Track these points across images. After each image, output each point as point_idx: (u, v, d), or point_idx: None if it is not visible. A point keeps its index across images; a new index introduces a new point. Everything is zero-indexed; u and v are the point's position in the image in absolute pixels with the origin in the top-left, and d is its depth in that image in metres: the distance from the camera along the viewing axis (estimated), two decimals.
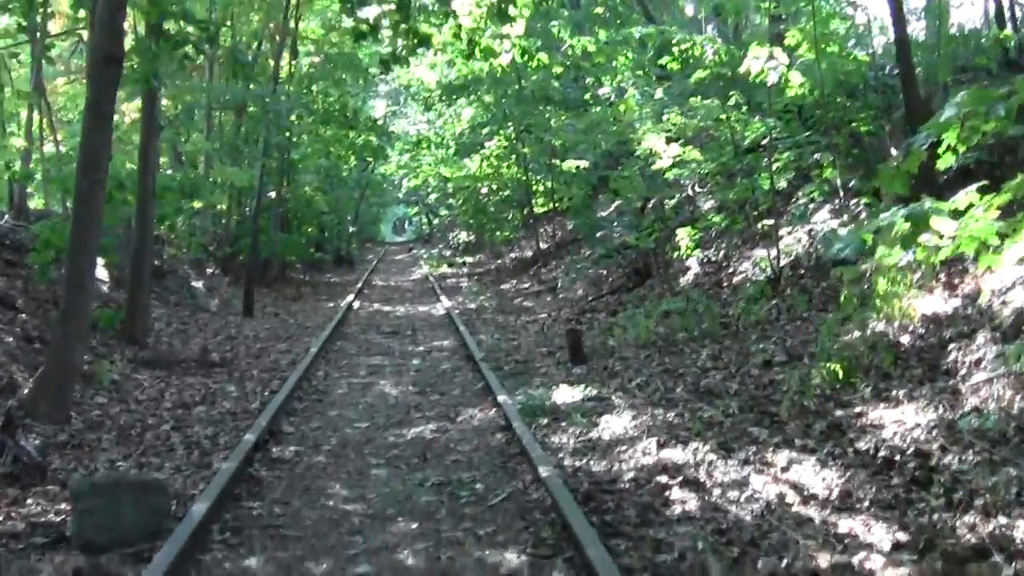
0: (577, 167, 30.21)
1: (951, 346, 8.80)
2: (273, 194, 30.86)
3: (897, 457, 7.06)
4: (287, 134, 29.64)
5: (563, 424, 9.39)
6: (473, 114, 35.10)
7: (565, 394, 10.70)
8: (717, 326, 12.82)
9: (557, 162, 29.91)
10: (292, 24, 31.39)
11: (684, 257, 17.65)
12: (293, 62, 31.93)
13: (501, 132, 32.19)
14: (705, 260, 17.42)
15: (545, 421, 9.57)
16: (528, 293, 24.83)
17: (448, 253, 48.28)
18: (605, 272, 21.69)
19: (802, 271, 13.93)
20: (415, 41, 13.51)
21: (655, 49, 15.77)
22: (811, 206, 15.07)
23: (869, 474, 6.88)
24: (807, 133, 15.21)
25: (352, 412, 10.91)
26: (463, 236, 48.45)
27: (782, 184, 15.46)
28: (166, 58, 12.24)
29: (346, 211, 46.86)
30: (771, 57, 13.55)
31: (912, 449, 7.11)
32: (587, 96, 26.62)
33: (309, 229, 39.34)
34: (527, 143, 30.75)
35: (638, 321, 14.30)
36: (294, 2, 30.56)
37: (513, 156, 32.28)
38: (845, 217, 13.35)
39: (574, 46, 27.57)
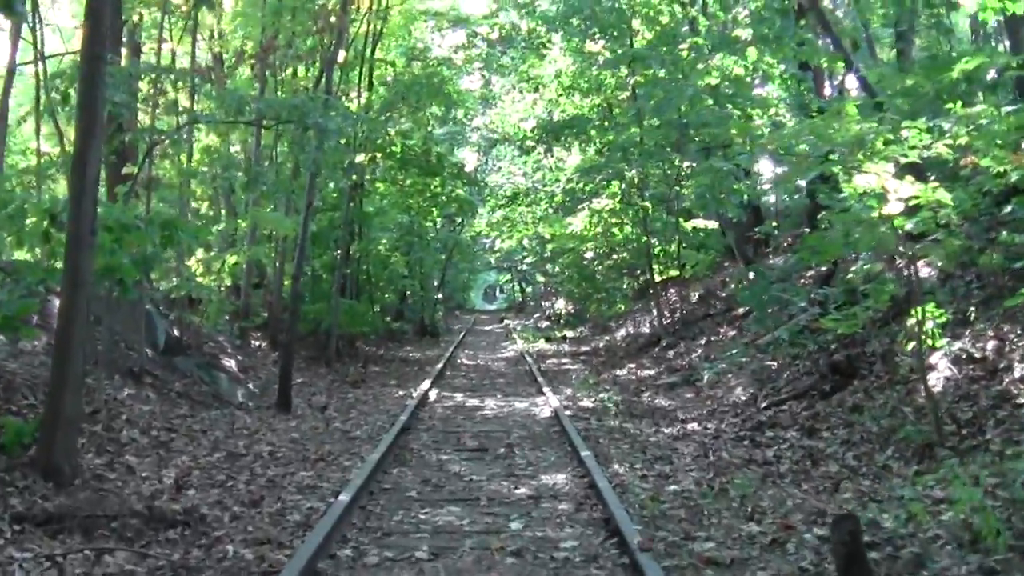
0: (705, 227, 24.85)
1: None
2: (339, 252, 25.49)
3: None
4: (354, 178, 24.27)
5: None
6: (580, 161, 29.37)
7: None
8: None
9: (682, 221, 24.37)
10: (369, 52, 26.41)
11: (923, 349, 11.48)
12: (367, 94, 26.78)
13: (614, 183, 26.54)
14: (962, 355, 11.23)
15: None
16: (658, 385, 18.74)
17: (545, 325, 42.59)
18: (776, 364, 15.57)
19: None
20: None
21: None
22: None
23: None
24: None
25: None
26: (562, 306, 42.87)
27: None
28: None
29: (431, 275, 41.33)
30: None
31: None
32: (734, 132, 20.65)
33: (386, 295, 33.85)
34: (649, 197, 25.08)
35: (960, 484, 7.72)
36: (367, 28, 25.52)
37: (629, 212, 26.59)
38: None
39: (716, 68, 21.86)
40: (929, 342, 11.26)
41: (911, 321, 11.33)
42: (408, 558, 7.44)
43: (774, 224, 26.09)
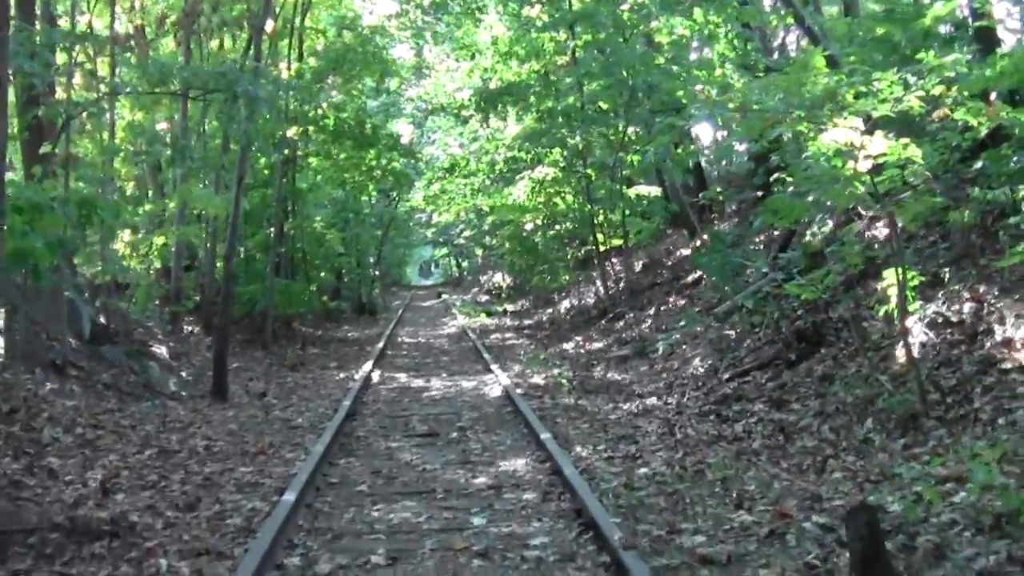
0: (648, 194, 24.26)
1: None
2: (272, 231, 24.60)
3: None
4: (287, 152, 23.38)
5: None
6: (520, 130, 28.60)
7: None
8: None
9: (626, 189, 23.77)
10: (299, 22, 25.50)
11: (893, 315, 10.88)
12: (297, 64, 25.83)
13: (556, 150, 25.82)
14: (938, 319, 10.66)
15: None
16: (610, 358, 18.13)
17: (484, 299, 41.93)
18: (734, 334, 14.98)
19: None
20: None
21: None
22: None
23: None
24: None
25: None
26: (501, 279, 42.24)
27: None
28: None
29: (367, 252, 40.42)
30: None
31: None
32: (680, 93, 19.93)
33: (322, 273, 32.94)
34: (591, 165, 24.41)
35: (975, 462, 6.84)
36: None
37: (571, 180, 25.89)
38: None
39: (662, 28, 21.26)
40: (899, 307, 10.69)
41: (883, 284, 10.78)
42: (364, 564, 6.69)
43: (719, 190, 25.60)
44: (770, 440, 9.95)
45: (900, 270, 9.67)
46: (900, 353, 10.48)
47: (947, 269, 11.29)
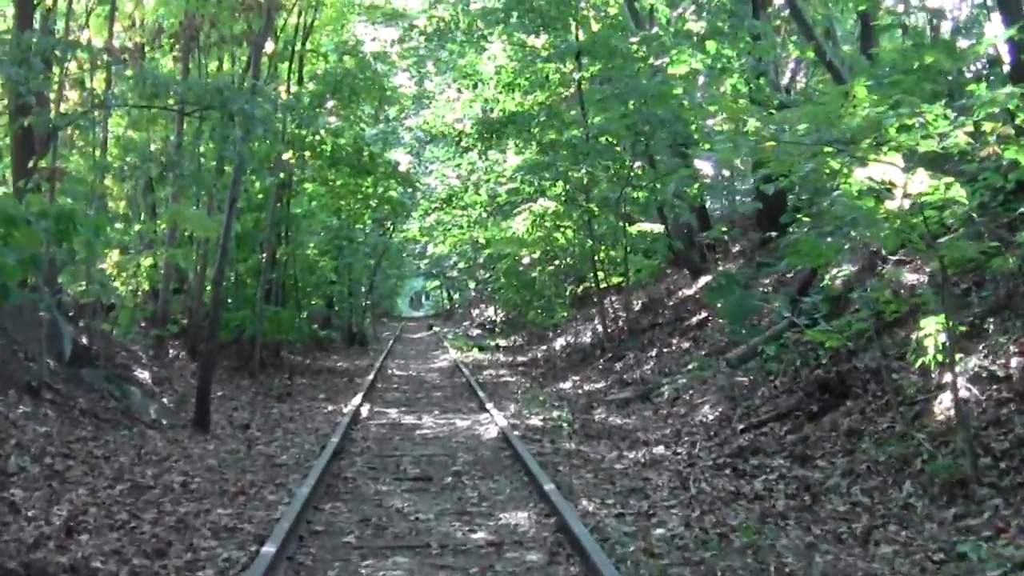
0: (651, 232, 23.60)
1: None
2: (264, 256, 23.79)
3: None
4: (282, 176, 22.64)
5: None
6: (522, 161, 27.92)
7: None
8: None
9: (626, 226, 23.11)
10: (299, 45, 24.84)
11: (930, 366, 10.08)
12: (297, 88, 25.14)
13: (558, 184, 25.15)
14: (982, 374, 9.83)
15: None
16: (610, 401, 17.24)
17: (476, 333, 41.14)
18: (747, 380, 14.16)
19: None
20: None
21: None
22: None
23: None
24: None
25: None
26: (494, 313, 41.53)
27: None
28: None
29: (359, 281, 39.64)
30: None
31: None
32: (693, 127, 19.22)
33: (313, 301, 32.13)
34: (593, 199, 23.72)
35: None
36: (298, 19, 23.97)
37: (573, 215, 25.20)
38: None
39: (674, 60, 20.61)
40: (939, 357, 9.88)
41: (919, 333, 9.97)
42: None
43: (723, 229, 24.89)
44: (795, 500, 9.10)
45: (947, 319, 8.87)
46: (939, 409, 9.70)
47: (990, 319, 10.49)
